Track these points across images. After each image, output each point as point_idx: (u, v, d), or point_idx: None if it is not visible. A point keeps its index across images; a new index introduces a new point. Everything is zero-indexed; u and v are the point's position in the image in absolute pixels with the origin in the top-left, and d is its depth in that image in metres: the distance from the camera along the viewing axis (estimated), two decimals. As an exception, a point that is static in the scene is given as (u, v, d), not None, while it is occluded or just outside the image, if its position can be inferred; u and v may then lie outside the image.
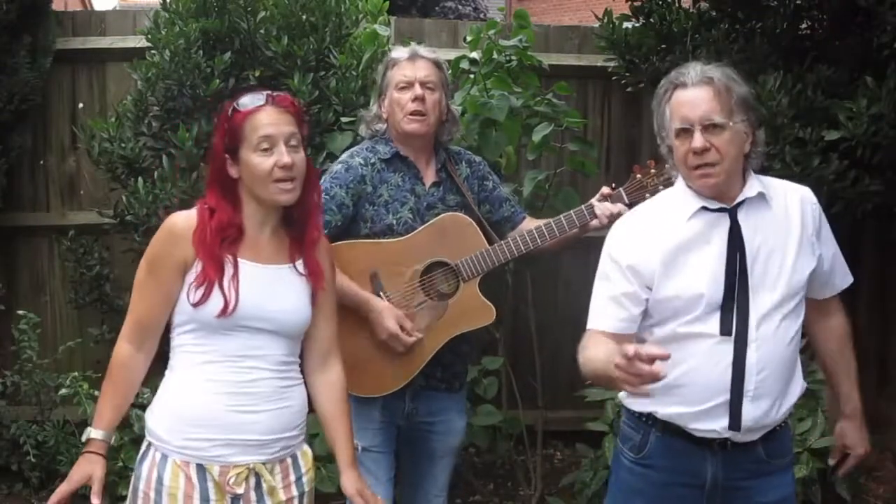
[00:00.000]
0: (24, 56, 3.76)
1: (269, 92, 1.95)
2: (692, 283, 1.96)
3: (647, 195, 2.47)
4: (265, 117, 1.90)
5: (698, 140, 1.90)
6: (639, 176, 2.56)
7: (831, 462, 2.27)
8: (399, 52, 2.61)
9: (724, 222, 1.98)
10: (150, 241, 1.97)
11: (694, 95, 1.93)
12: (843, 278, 2.14)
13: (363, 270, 2.50)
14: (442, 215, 2.56)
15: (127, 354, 1.95)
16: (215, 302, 1.88)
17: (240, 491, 1.91)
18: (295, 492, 2.01)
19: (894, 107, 2.93)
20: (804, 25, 3.42)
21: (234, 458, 1.91)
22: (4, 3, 3.56)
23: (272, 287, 1.96)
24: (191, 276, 1.90)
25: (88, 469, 1.89)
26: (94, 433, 1.92)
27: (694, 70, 1.96)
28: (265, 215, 1.97)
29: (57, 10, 4.09)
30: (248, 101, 1.92)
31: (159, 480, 1.90)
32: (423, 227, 2.54)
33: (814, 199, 2.05)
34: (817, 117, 3.09)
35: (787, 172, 2.98)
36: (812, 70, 3.16)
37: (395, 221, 2.53)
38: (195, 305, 1.88)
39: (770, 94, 3.06)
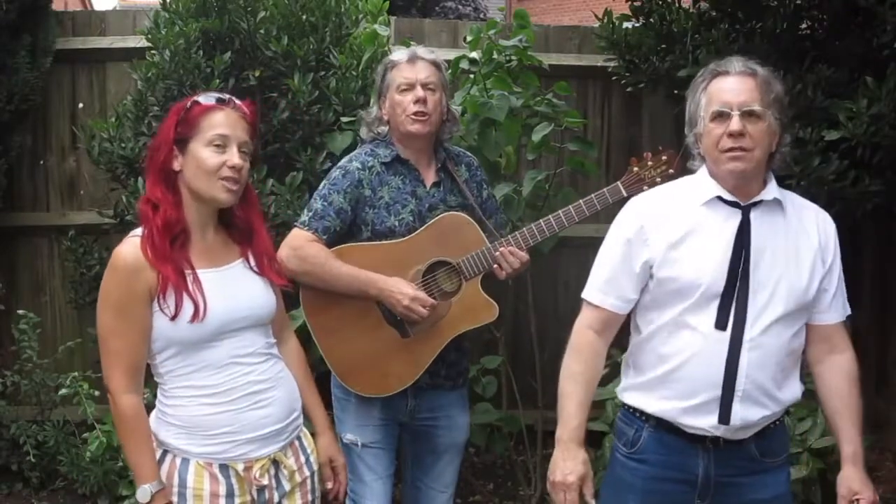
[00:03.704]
0: (24, 56, 3.76)
1: (232, 97, 1.97)
2: (694, 267, 1.97)
3: (645, 187, 2.49)
4: (224, 117, 1.92)
5: (736, 123, 1.93)
6: (636, 169, 2.58)
7: None
8: (398, 55, 2.62)
9: (736, 217, 1.99)
10: (103, 288, 1.91)
11: (736, 82, 1.97)
12: (843, 308, 2.09)
13: None
14: (441, 215, 2.57)
15: (134, 406, 1.89)
16: (187, 308, 1.86)
17: (265, 482, 1.96)
18: (307, 471, 2.09)
19: (894, 107, 2.93)
20: (804, 25, 3.42)
21: (257, 452, 1.96)
22: (4, 3, 3.56)
23: (236, 286, 1.97)
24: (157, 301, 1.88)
25: None
26: (151, 487, 1.86)
27: (738, 61, 2.00)
28: (205, 217, 1.97)
29: (57, 10, 4.08)
30: (208, 97, 1.95)
31: (182, 483, 1.91)
32: (423, 227, 2.55)
33: (830, 221, 2.06)
34: (817, 117, 3.09)
35: (788, 172, 2.98)
36: (812, 70, 3.15)
37: (396, 223, 2.53)
38: (174, 318, 1.86)
39: (770, 94, 3.06)
